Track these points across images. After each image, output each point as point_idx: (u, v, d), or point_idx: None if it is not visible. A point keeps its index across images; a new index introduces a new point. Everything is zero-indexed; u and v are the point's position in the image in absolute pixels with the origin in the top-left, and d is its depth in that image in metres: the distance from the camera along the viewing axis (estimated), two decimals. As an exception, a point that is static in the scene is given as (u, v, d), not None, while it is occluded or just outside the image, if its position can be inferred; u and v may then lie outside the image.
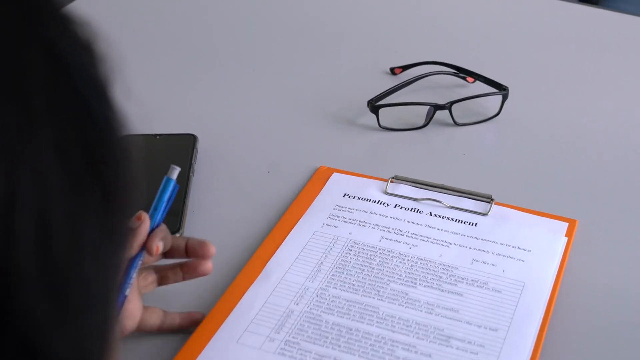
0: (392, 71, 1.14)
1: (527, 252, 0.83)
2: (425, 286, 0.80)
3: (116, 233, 0.34)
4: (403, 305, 0.77)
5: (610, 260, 0.84)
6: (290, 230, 0.86)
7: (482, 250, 0.84)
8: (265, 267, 0.81)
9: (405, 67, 1.13)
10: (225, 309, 0.77)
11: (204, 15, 1.32)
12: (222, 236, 0.84)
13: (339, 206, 0.89)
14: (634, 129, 1.04)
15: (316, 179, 0.93)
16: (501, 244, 0.84)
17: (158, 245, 0.71)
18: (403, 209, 0.89)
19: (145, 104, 0.39)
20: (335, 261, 0.82)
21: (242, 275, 0.81)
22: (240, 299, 0.78)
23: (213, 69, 1.17)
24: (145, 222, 0.71)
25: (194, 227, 0.87)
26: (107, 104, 0.34)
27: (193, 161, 0.94)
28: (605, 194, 0.93)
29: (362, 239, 0.85)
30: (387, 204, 0.89)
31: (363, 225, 0.86)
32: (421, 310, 0.77)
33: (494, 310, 0.77)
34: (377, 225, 0.86)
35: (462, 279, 0.80)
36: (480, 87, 1.07)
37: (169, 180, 0.74)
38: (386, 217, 0.88)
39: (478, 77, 1.09)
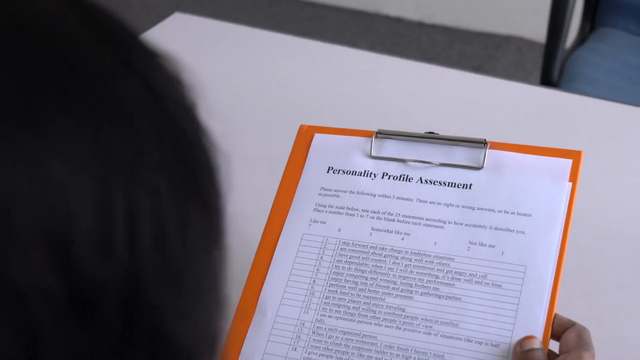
0: None
1: (528, 217, 0.75)
2: (422, 294, 0.75)
3: (216, 233, 0.39)
4: (400, 329, 0.74)
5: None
6: (280, 233, 0.81)
7: (478, 227, 0.76)
8: (259, 301, 0.79)
9: None
10: None
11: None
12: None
13: (324, 189, 0.82)
14: (598, 208, 0.99)
15: (299, 145, 0.86)
16: (498, 211, 0.76)
17: None
18: (391, 178, 0.81)
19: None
20: (328, 275, 0.78)
21: (238, 313, 0.79)
22: (240, 349, 0.77)
23: None
24: None
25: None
26: (196, 125, 0.38)
27: None
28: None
29: (352, 235, 0.79)
30: (375, 175, 0.81)
31: (351, 215, 0.80)
32: (419, 332, 0.74)
33: (494, 318, 0.72)
34: (366, 211, 0.80)
35: (460, 274, 0.75)
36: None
37: None
38: (374, 196, 0.80)
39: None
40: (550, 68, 1.76)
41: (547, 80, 1.74)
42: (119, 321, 0.33)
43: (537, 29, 2.59)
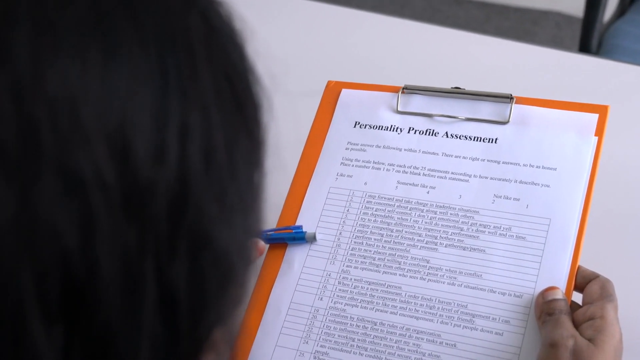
0: None
1: (553, 171, 0.75)
2: (446, 246, 0.75)
3: (257, 158, 0.42)
4: (425, 279, 0.75)
5: None
6: (308, 186, 0.82)
7: (503, 180, 0.76)
8: (285, 252, 0.80)
9: None
10: (256, 316, 0.78)
11: None
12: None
13: (351, 144, 0.83)
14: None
15: (326, 100, 0.86)
16: (524, 165, 0.76)
17: None
18: (417, 132, 0.81)
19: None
20: (354, 227, 0.79)
21: (266, 263, 0.80)
22: (267, 299, 0.78)
23: None
24: None
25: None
26: (245, 62, 0.42)
27: None
28: None
29: (378, 188, 0.80)
30: (401, 129, 0.82)
31: (378, 169, 0.81)
32: (443, 283, 0.74)
33: (518, 270, 0.73)
34: (392, 165, 0.80)
35: (484, 227, 0.75)
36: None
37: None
38: (400, 150, 0.81)
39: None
40: (588, 39, 1.74)
41: (585, 52, 1.73)
42: (165, 221, 0.36)
43: (575, 4, 2.56)
